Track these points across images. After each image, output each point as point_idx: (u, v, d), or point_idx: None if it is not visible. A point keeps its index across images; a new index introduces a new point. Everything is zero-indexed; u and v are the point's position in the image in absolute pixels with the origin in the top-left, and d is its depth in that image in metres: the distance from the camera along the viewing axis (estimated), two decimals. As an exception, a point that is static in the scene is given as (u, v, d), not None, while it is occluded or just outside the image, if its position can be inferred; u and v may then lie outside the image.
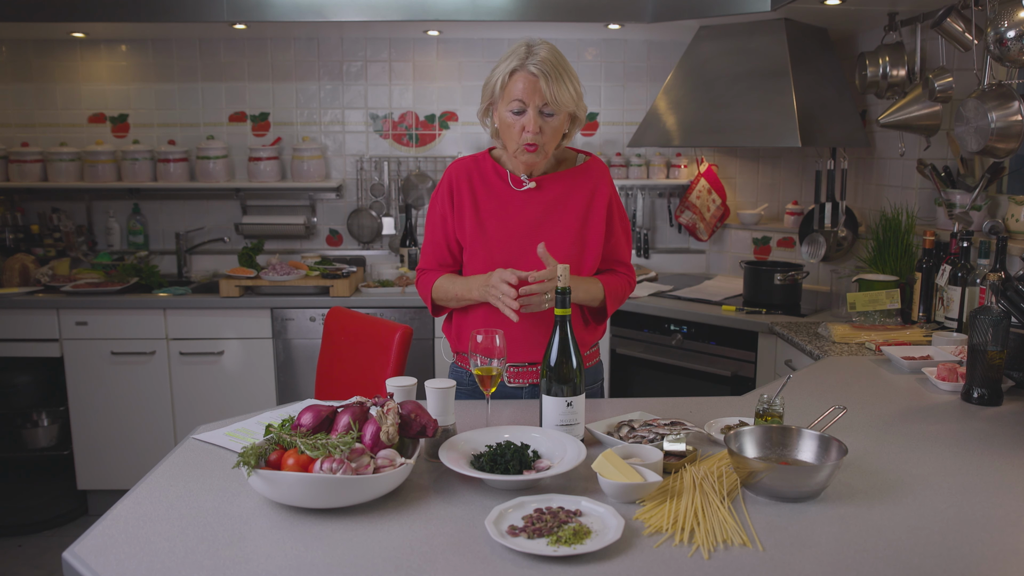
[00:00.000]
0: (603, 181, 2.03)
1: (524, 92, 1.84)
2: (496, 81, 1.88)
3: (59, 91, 4.01)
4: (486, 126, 2.00)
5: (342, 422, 1.48)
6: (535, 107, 1.85)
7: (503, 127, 1.91)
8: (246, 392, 3.58)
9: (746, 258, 3.92)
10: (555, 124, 1.89)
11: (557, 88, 1.84)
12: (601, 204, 2.01)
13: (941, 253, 2.85)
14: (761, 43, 3.38)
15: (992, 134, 2.44)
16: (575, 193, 2.00)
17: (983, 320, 1.96)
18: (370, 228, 4.07)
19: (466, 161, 2.05)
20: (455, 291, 1.99)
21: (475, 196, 2.00)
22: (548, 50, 1.87)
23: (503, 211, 1.98)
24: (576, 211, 1.98)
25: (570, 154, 2.08)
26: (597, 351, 2.14)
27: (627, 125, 4.09)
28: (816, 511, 1.38)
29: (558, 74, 1.85)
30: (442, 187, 2.04)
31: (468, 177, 2.02)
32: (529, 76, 1.84)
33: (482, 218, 1.99)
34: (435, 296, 2.05)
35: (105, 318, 3.51)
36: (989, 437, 1.77)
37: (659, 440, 1.61)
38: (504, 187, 2.00)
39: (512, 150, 1.92)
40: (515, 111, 1.86)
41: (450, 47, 4.03)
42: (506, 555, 1.23)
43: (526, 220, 1.97)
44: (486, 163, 2.04)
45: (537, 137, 1.87)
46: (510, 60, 1.87)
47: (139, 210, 4.10)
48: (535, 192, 1.99)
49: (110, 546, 1.27)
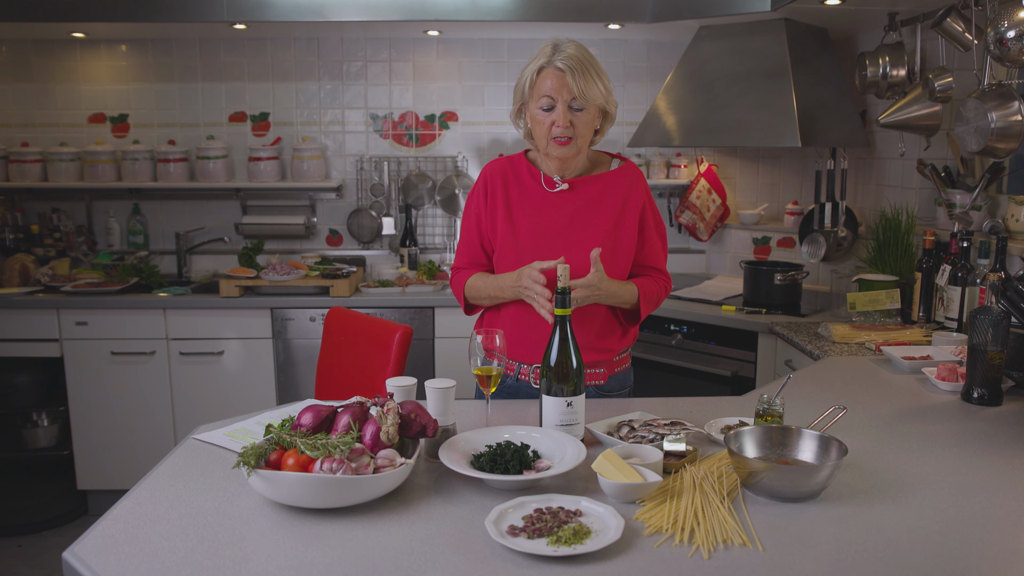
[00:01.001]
0: (638, 186, 2.03)
1: (552, 88, 1.86)
2: (525, 80, 1.91)
3: (59, 91, 4.01)
4: (519, 127, 2.02)
5: (342, 422, 1.48)
6: (564, 102, 1.87)
7: (534, 124, 1.93)
8: (246, 392, 3.58)
9: (746, 258, 3.92)
10: (585, 119, 1.90)
11: (585, 83, 1.86)
12: (635, 209, 2.00)
13: (941, 253, 2.85)
14: (761, 43, 3.38)
15: (992, 134, 2.44)
16: (608, 196, 2.00)
17: (983, 320, 1.96)
18: (370, 228, 4.07)
19: (501, 161, 2.07)
20: (487, 290, 1.99)
21: (508, 196, 2.02)
22: (575, 47, 1.89)
23: (535, 211, 2.00)
24: (609, 214, 1.99)
25: (605, 158, 2.09)
26: (627, 356, 2.13)
27: (627, 125, 4.09)
28: (816, 511, 1.38)
29: (584, 69, 1.86)
30: (478, 186, 2.06)
31: (503, 177, 2.03)
32: (556, 72, 1.86)
33: (514, 218, 2.00)
34: (468, 295, 2.05)
35: (105, 318, 3.51)
36: (989, 437, 1.77)
37: (659, 440, 1.61)
38: (537, 187, 2.01)
39: (543, 147, 1.94)
40: (544, 107, 1.88)
41: (450, 47, 4.03)
42: (506, 555, 1.23)
43: (558, 221, 1.98)
44: (521, 164, 2.05)
45: (568, 131, 1.88)
46: (537, 59, 1.89)
47: (139, 210, 4.10)
48: (568, 193, 1.99)
49: (110, 546, 1.27)
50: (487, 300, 2.02)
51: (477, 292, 2.03)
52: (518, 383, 2.03)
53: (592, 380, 2.03)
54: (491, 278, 2.00)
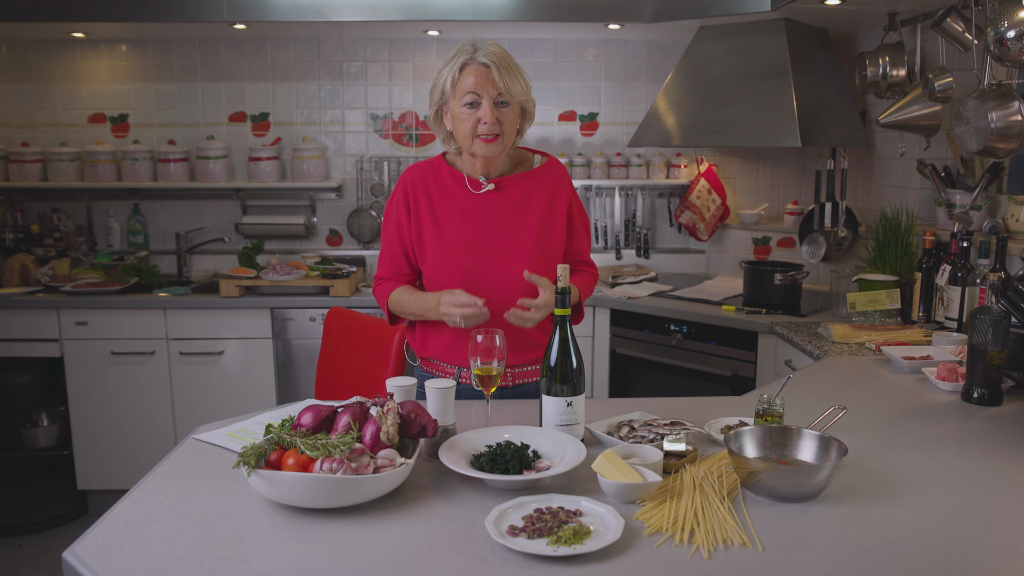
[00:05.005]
0: (563, 181, 2.02)
1: (477, 84, 1.84)
2: (445, 79, 1.88)
3: (59, 91, 4.01)
4: (437, 132, 1.98)
5: (342, 422, 1.48)
6: (489, 97, 1.84)
7: (457, 124, 1.89)
8: (246, 392, 3.58)
9: (746, 258, 3.92)
10: (511, 115, 1.88)
11: (509, 78, 1.85)
12: (562, 204, 2.00)
13: (941, 253, 2.85)
14: (761, 43, 3.38)
15: (992, 134, 2.44)
16: (535, 194, 1.98)
17: (983, 320, 1.96)
18: (370, 228, 4.07)
19: (420, 167, 2.02)
20: (411, 308, 1.97)
21: (432, 202, 1.97)
22: (495, 45, 1.88)
23: (462, 216, 1.96)
24: (537, 213, 1.97)
25: (527, 155, 2.06)
26: None
27: (627, 125, 4.09)
28: (816, 511, 1.38)
29: (508, 65, 1.86)
30: (397, 195, 2.00)
31: (424, 183, 1.99)
32: (481, 68, 1.84)
33: (441, 225, 1.96)
34: (392, 309, 2.03)
35: (105, 318, 3.51)
36: (989, 437, 1.77)
37: (659, 440, 1.61)
38: (462, 191, 1.97)
39: (468, 146, 1.90)
40: (469, 103, 1.85)
41: (450, 47, 4.03)
42: (506, 555, 1.23)
43: (487, 224, 1.95)
44: (441, 168, 2.01)
45: (495, 127, 1.85)
46: (458, 57, 1.87)
47: (139, 210, 4.10)
48: (494, 194, 1.96)
49: (110, 546, 1.27)
50: (411, 316, 2.01)
51: (401, 307, 2.00)
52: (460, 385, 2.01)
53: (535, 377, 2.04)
54: (414, 296, 1.97)
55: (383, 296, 2.04)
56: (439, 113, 1.95)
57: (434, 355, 2.03)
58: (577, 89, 4.07)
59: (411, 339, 2.08)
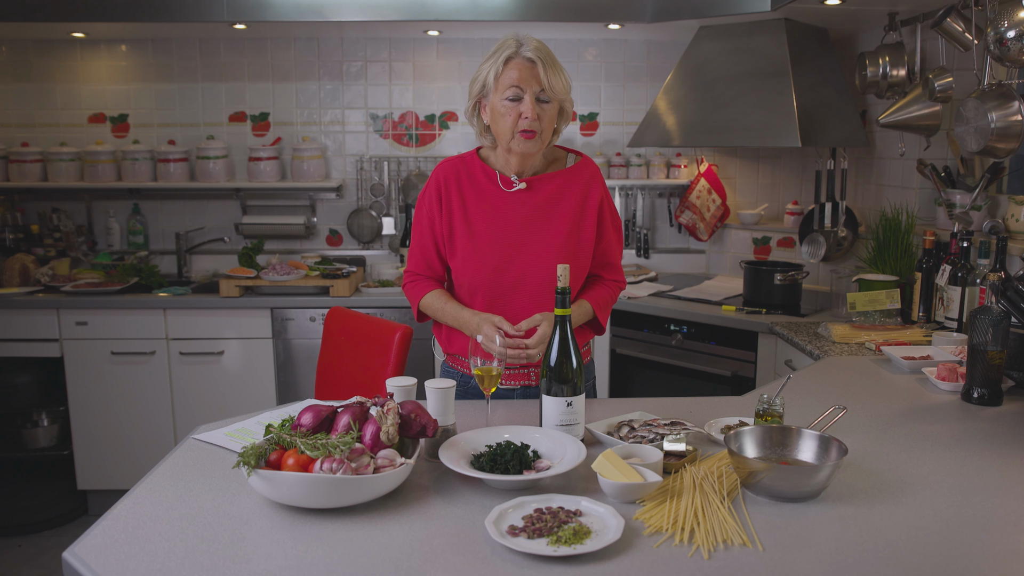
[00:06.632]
0: (595, 182, 2.00)
1: (520, 78, 1.83)
2: (488, 72, 1.86)
3: (59, 91, 4.01)
4: (473, 124, 1.97)
5: (342, 422, 1.48)
6: (532, 93, 1.83)
7: (496, 118, 1.87)
8: (246, 392, 3.58)
9: (746, 258, 3.92)
10: (551, 113, 1.87)
11: (553, 75, 1.84)
12: (593, 205, 1.98)
13: (941, 253, 2.85)
14: (761, 43, 3.38)
15: (992, 134, 2.44)
16: (567, 194, 1.96)
17: (983, 320, 1.96)
18: (370, 228, 4.07)
19: (454, 162, 2.01)
20: (447, 319, 1.98)
21: (463, 197, 1.96)
22: (539, 41, 1.87)
23: (493, 213, 1.95)
24: (568, 212, 1.96)
25: (560, 153, 2.04)
26: (589, 350, 2.15)
27: (627, 125, 4.09)
28: (816, 511, 1.38)
29: (552, 62, 1.85)
30: (429, 188, 2.00)
31: (456, 178, 1.98)
32: (525, 62, 1.83)
33: (471, 220, 1.95)
34: (424, 311, 2.04)
35: (105, 318, 3.51)
36: (989, 437, 1.77)
37: (659, 440, 1.61)
38: (493, 188, 1.96)
39: (506, 142, 1.88)
40: (511, 98, 1.83)
41: (450, 47, 4.03)
42: (506, 555, 1.23)
43: (517, 222, 1.94)
44: (474, 164, 1.99)
45: (535, 123, 1.84)
46: (502, 51, 1.85)
47: (139, 210, 4.10)
48: (526, 193, 1.95)
49: (110, 546, 1.27)
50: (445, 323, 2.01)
51: (434, 313, 2.01)
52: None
53: None
54: (450, 307, 1.96)
55: (416, 296, 2.04)
56: (477, 106, 1.94)
57: (459, 351, 2.04)
58: (577, 89, 4.07)
59: (438, 335, 2.08)
